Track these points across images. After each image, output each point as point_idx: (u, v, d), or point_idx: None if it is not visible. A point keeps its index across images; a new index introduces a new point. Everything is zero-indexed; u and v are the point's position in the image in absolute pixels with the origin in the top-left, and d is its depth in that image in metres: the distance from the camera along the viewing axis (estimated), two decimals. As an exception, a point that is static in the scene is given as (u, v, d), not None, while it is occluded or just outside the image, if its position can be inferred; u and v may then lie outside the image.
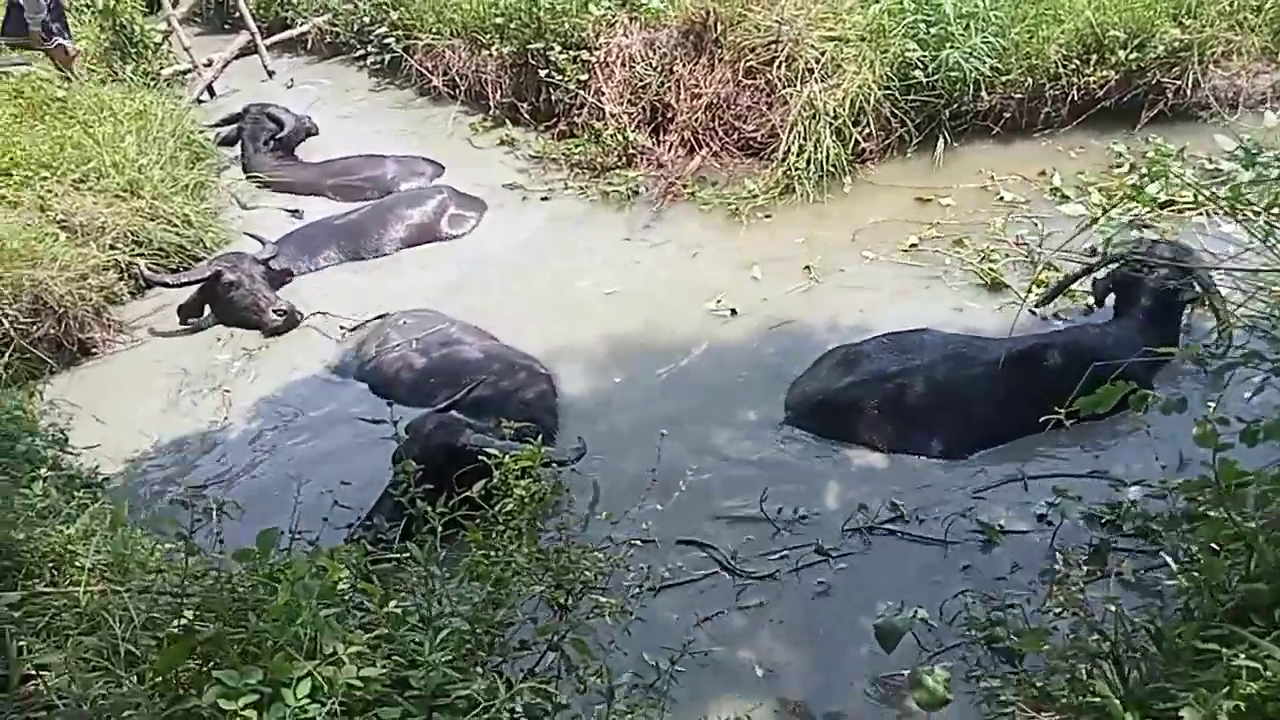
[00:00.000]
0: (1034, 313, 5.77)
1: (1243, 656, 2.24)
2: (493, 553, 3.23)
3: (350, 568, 2.75)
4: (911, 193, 7.45)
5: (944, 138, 7.91)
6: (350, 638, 2.33)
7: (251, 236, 7.67)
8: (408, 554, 2.87)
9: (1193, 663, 2.74)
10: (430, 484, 3.44)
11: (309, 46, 12.87)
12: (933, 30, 7.71)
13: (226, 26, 13.83)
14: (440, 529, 2.99)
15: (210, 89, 11.61)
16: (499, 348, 6.17)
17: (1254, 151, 6.29)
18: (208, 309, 7.14)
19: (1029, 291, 5.83)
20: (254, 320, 6.92)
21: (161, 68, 10.91)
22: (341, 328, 6.76)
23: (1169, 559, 3.52)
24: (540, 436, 4.30)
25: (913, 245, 6.76)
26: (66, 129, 8.01)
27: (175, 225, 7.70)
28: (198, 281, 7.02)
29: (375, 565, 2.95)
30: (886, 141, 7.97)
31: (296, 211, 8.63)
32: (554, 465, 4.03)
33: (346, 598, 2.62)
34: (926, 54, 7.70)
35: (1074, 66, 7.76)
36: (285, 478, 5.22)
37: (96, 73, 9.80)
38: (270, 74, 12.31)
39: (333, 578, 2.48)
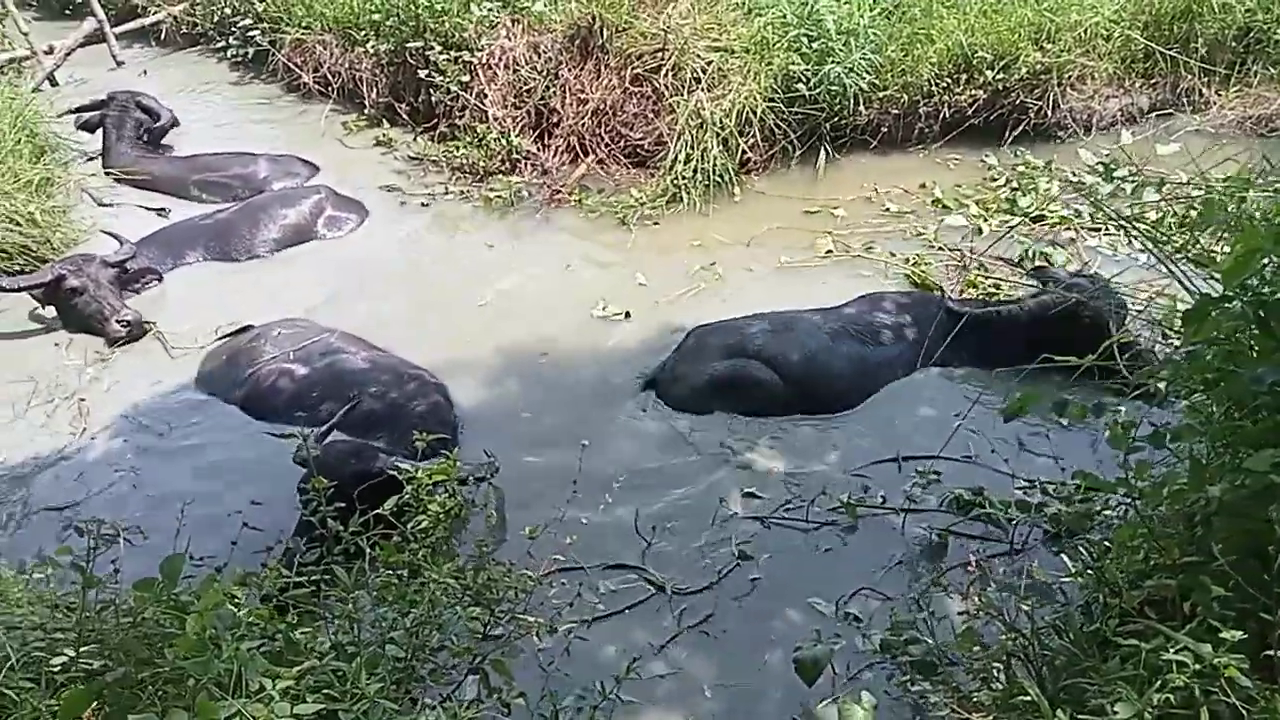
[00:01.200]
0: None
1: (1172, 650, 2.34)
2: (408, 572, 3.07)
3: (266, 595, 2.53)
4: (799, 203, 7.60)
5: (825, 150, 8.11)
6: (279, 671, 2.14)
7: (109, 235, 7.11)
8: (325, 578, 2.68)
9: (1102, 658, 2.87)
10: (348, 513, 3.23)
11: (162, 37, 12.10)
12: (815, 45, 7.90)
13: (67, 12, 12.84)
14: (360, 550, 2.81)
15: (52, 78, 10.74)
16: (386, 357, 5.86)
17: (1112, 167, 6.79)
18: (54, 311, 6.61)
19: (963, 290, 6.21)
20: (98, 329, 6.43)
21: (-4, 54, 10.02)
22: (197, 342, 6.33)
23: (1067, 559, 3.70)
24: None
25: (828, 252, 6.87)
26: (-110, 118, 7.24)
27: (19, 224, 7.05)
28: (39, 286, 6.46)
29: (291, 591, 2.74)
30: (770, 152, 8.10)
31: (163, 210, 8.05)
32: (468, 482, 3.86)
33: (263, 627, 2.42)
34: (809, 68, 7.88)
35: (945, 85, 8.12)
36: (160, 499, 4.85)
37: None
38: (119, 63, 11.51)
39: (259, 611, 2.28)
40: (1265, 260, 2.59)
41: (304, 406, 5.39)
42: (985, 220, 6.93)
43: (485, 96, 8.62)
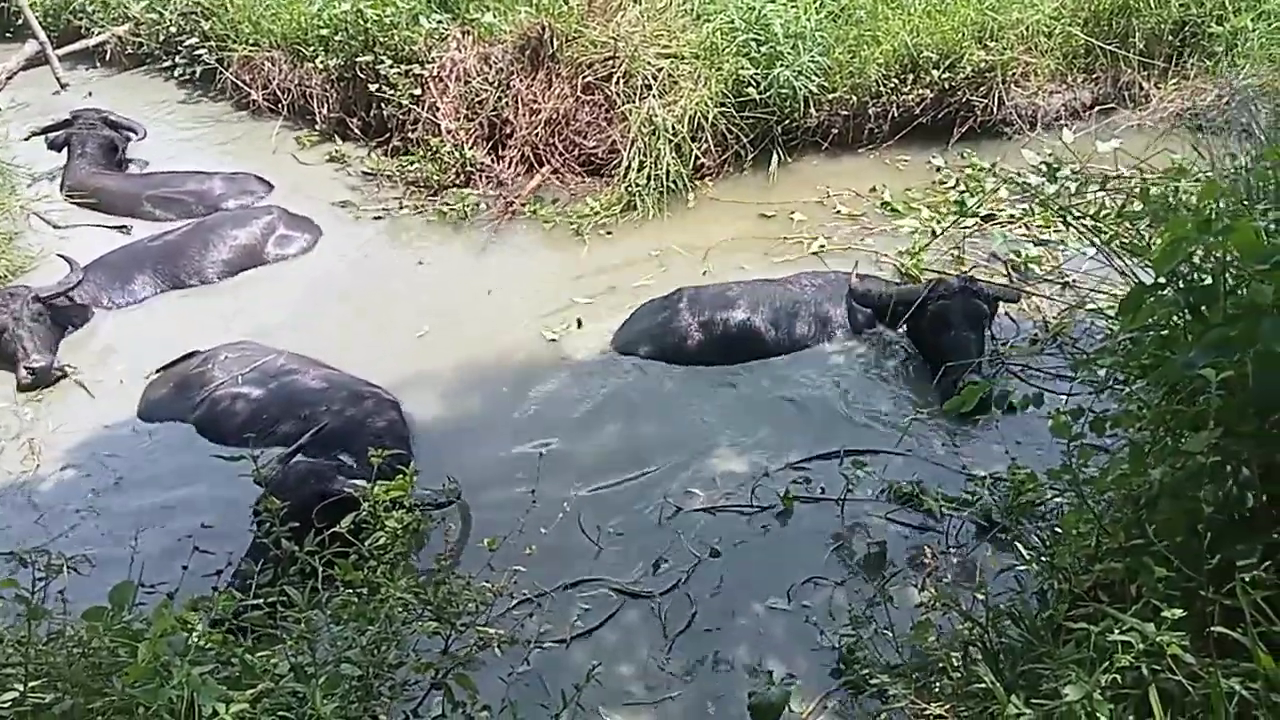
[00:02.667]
0: None
1: (1116, 632, 2.39)
2: (367, 589, 3.05)
3: (219, 619, 2.51)
4: (754, 208, 7.65)
5: (778, 153, 8.18)
6: (231, 695, 2.12)
7: (62, 258, 6.96)
8: (281, 599, 2.66)
9: (1056, 643, 2.92)
10: (306, 534, 3.20)
11: (107, 57, 11.91)
12: (763, 49, 7.98)
13: (8, 35, 12.64)
14: (320, 570, 2.79)
15: (-8, 102, 10.56)
16: (340, 376, 5.81)
17: (1055, 167, 6.91)
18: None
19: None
20: (11, 371, 6.20)
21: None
22: (122, 383, 6.19)
23: (1021, 546, 3.76)
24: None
25: (821, 247, 7.00)
26: None
27: (-39, 253, 6.94)
28: None
29: (246, 614, 2.71)
30: (723, 157, 8.15)
31: (124, 227, 7.96)
32: (427, 508, 3.84)
33: (219, 652, 2.40)
34: (758, 72, 7.95)
35: (893, 85, 8.22)
36: (119, 533, 4.75)
37: None
38: (63, 86, 11.32)
39: (213, 636, 2.26)
40: (1193, 248, 2.66)
41: (259, 428, 5.32)
42: (937, 223, 7.02)
43: (437, 109, 8.59)
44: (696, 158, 7.92)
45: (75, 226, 8.03)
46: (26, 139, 8.87)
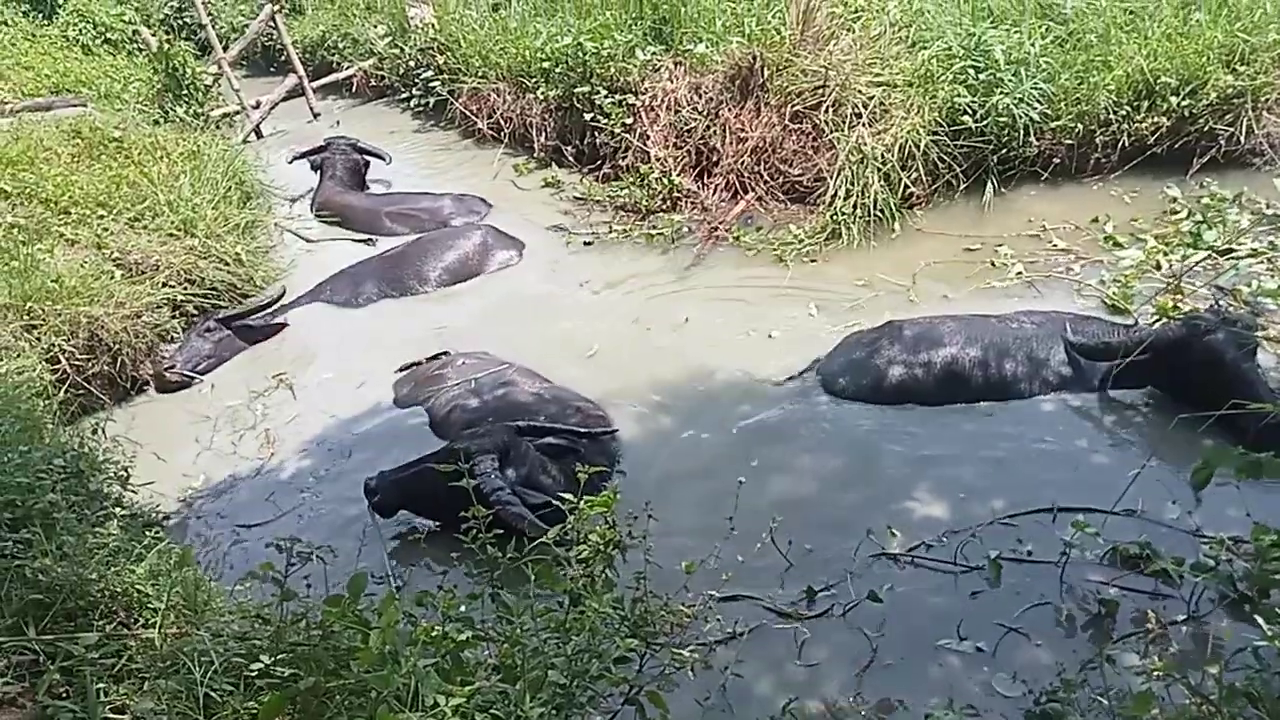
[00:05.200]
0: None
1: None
2: (568, 600, 3.18)
3: (444, 615, 2.70)
4: (960, 240, 7.41)
5: (992, 183, 7.87)
6: (450, 689, 2.28)
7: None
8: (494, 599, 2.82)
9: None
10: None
11: (354, 89, 13.11)
12: (982, 76, 7.72)
13: (273, 69, 14.15)
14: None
15: (258, 130, 11.82)
16: (555, 389, 6.13)
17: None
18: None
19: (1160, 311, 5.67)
20: None
21: (212, 109, 11.12)
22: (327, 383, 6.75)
23: (1262, 620, 3.42)
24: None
25: (1019, 273, 6.80)
26: (122, 169, 8.15)
27: (227, 264, 7.79)
28: None
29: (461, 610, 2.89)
30: (934, 186, 7.94)
31: (371, 240, 8.80)
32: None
33: (435, 645, 2.58)
34: (975, 99, 7.70)
35: (1124, 113, 7.72)
36: (342, 518, 5.21)
37: (150, 114, 10.00)
38: (316, 115, 12.53)
39: (432, 628, 2.44)
40: None
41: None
42: (1165, 255, 6.53)
43: (648, 137, 8.88)
44: (906, 186, 7.76)
45: (323, 241, 8.88)
46: (290, 162, 9.92)
